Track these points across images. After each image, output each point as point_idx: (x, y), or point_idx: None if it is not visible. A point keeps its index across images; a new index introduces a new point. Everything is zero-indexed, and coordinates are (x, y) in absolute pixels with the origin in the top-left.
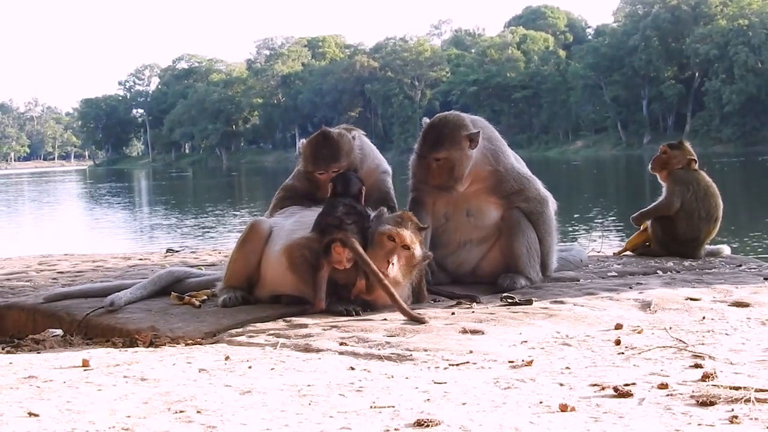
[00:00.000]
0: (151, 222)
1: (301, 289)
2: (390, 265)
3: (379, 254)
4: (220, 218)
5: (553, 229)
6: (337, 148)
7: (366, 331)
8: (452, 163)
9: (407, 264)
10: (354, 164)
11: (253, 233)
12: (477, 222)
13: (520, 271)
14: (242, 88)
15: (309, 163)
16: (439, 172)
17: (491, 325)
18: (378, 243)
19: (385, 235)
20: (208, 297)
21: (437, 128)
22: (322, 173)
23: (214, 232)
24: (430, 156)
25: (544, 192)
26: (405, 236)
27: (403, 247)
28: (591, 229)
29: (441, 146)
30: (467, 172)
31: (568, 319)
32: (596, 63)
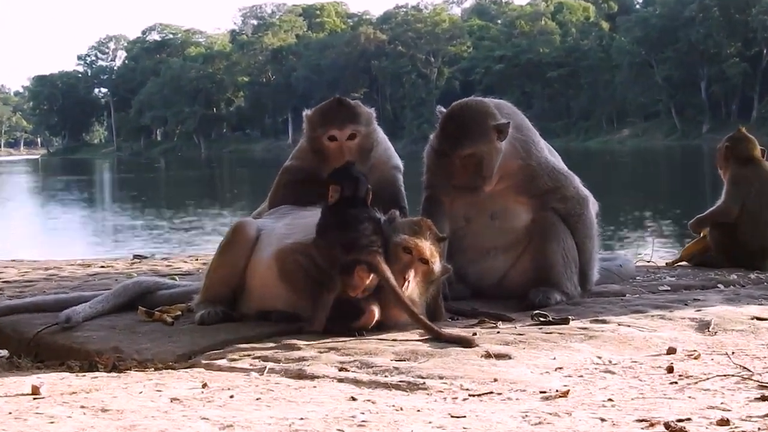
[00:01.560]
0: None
1: (294, 304)
2: (406, 282)
3: (393, 269)
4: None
5: (594, 235)
6: (355, 110)
7: (370, 354)
8: (480, 160)
9: (424, 280)
10: (370, 143)
11: (237, 237)
12: (503, 225)
13: (555, 284)
14: (225, 64)
15: (319, 125)
16: (465, 170)
17: (520, 348)
18: (393, 256)
19: (401, 247)
20: (182, 312)
21: (459, 119)
22: (334, 137)
23: (191, 235)
24: (455, 154)
25: (583, 190)
26: (424, 248)
27: (421, 261)
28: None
29: (466, 141)
30: (497, 168)
31: (612, 341)
32: (645, 37)
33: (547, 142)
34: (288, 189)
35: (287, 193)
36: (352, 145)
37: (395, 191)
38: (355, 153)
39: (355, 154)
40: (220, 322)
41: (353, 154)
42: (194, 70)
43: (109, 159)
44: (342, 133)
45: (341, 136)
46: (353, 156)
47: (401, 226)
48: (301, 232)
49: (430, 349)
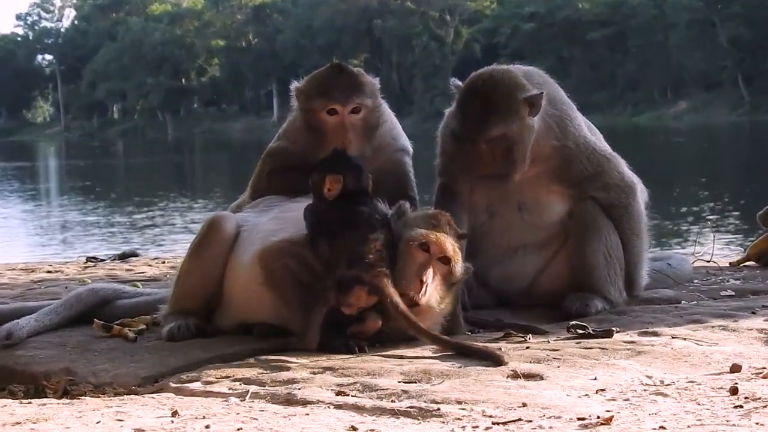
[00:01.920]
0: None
1: (281, 315)
2: (424, 285)
3: (407, 271)
4: (164, 214)
5: (643, 230)
6: (359, 78)
7: (374, 374)
8: (510, 142)
9: (444, 283)
10: (376, 119)
11: (212, 234)
12: (534, 219)
13: (596, 290)
14: (196, 24)
15: (316, 97)
16: (492, 156)
17: (554, 366)
18: (405, 255)
19: (417, 244)
20: (147, 326)
21: (484, 95)
22: (335, 111)
23: (156, 233)
24: (481, 138)
25: (629, 176)
26: (445, 245)
27: (440, 260)
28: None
29: (493, 121)
30: (530, 147)
31: (664, 357)
32: None
33: (586, 118)
34: (273, 177)
35: (272, 181)
36: (355, 120)
37: (403, 178)
38: (360, 131)
39: (359, 132)
40: (192, 337)
41: (357, 133)
42: (158, 32)
43: (56, 141)
44: (345, 107)
45: (344, 109)
46: (357, 134)
47: (414, 220)
48: (290, 227)
49: (445, 368)
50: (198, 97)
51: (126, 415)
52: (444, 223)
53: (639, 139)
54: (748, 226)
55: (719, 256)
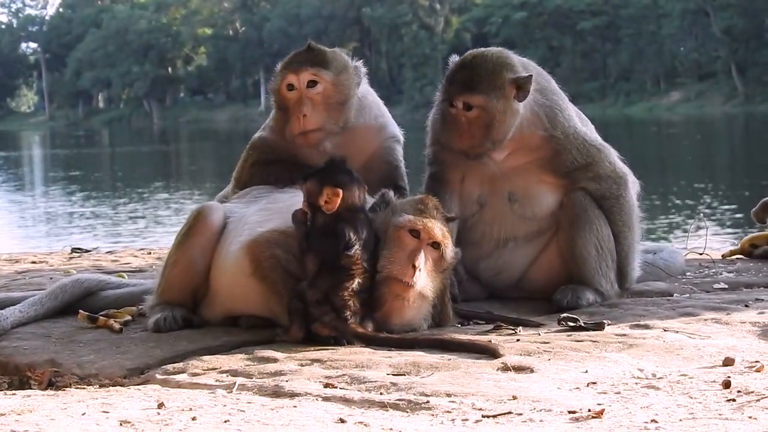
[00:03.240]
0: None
1: (269, 307)
2: (417, 271)
3: (398, 256)
4: (150, 204)
5: (634, 221)
6: (322, 53)
7: (362, 366)
8: (490, 116)
9: (435, 269)
10: (341, 95)
11: (199, 225)
12: (524, 210)
13: (587, 282)
14: (182, 12)
15: (278, 75)
16: (470, 127)
17: (544, 359)
18: (395, 241)
19: (406, 229)
20: (133, 317)
21: (471, 66)
22: (291, 83)
23: (142, 224)
24: (459, 100)
25: (621, 167)
26: (434, 229)
27: (431, 245)
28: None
29: (476, 89)
30: (511, 132)
31: (656, 350)
32: None
33: (577, 108)
34: (256, 169)
35: (255, 174)
36: (313, 95)
37: (392, 168)
38: (319, 106)
39: (318, 106)
40: (178, 329)
41: (316, 107)
42: (144, 20)
43: (40, 130)
44: (299, 79)
45: (298, 82)
46: (316, 109)
47: (402, 206)
48: (278, 218)
49: (434, 361)
50: (184, 85)
51: (111, 407)
52: (432, 207)
53: (631, 130)
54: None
55: (712, 249)
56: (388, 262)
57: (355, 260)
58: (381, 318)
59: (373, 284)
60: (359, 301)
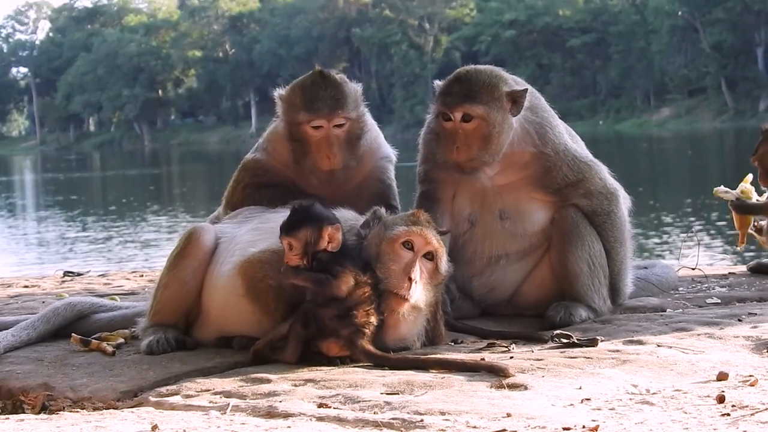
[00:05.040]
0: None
1: (262, 327)
2: (413, 283)
3: (393, 270)
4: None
5: (626, 237)
6: (343, 89)
7: (356, 386)
8: (489, 127)
9: (430, 281)
10: (360, 128)
11: (191, 246)
12: (515, 227)
13: (580, 298)
14: (172, 35)
15: (301, 110)
16: (467, 140)
17: (538, 376)
18: (389, 254)
19: (399, 242)
20: (125, 340)
21: (467, 80)
22: (320, 125)
23: (134, 246)
24: (458, 111)
25: (611, 183)
26: (429, 239)
27: (426, 257)
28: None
29: (476, 99)
30: (505, 145)
31: (650, 366)
32: None
33: (567, 125)
34: (248, 191)
35: (247, 196)
36: (340, 133)
37: (384, 187)
38: (344, 143)
39: (343, 144)
40: (171, 350)
41: (341, 145)
42: (134, 43)
43: (31, 155)
44: (330, 122)
45: (329, 125)
46: (342, 147)
47: (393, 221)
48: (270, 237)
49: (428, 379)
50: (175, 108)
51: (105, 430)
52: (423, 220)
53: (621, 146)
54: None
55: (704, 263)
56: (383, 277)
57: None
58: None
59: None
60: (377, 319)
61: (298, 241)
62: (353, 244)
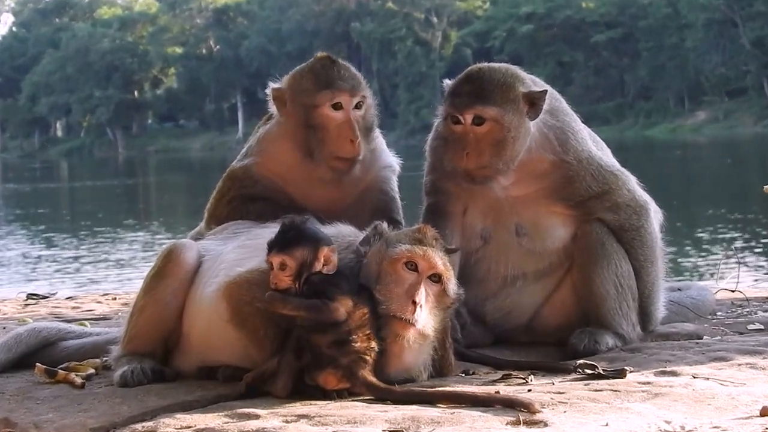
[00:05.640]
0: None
1: (250, 356)
2: (417, 308)
3: (395, 292)
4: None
5: (658, 255)
6: (354, 71)
7: (355, 422)
8: (503, 131)
9: (437, 305)
10: (372, 118)
11: (171, 265)
12: (533, 244)
13: (606, 324)
14: (150, 30)
15: (318, 91)
16: (478, 145)
17: (559, 411)
18: (391, 275)
19: (402, 261)
20: (96, 370)
21: (479, 79)
22: (340, 103)
23: (106, 266)
24: (468, 113)
25: (641, 195)
26: (433, 258)
27: (431, 279)
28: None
29: (489, 100)
30: (521, 152)
31: (684, 400)
32: None
33: (591, 130)
34: (235, 204)
35: (234, 209)
36: (359, 117)
37: (387, 199)
38: (363, 130)
39: (362, 131)
40: (148, 382)
41: (361, 132)
42: (107, 39)
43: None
44: (352, 98)
45: (350, 103)
46: (361, 134)
47: (397, 237)
48: (259, 256)
49: (436, 415)
50: (152, 111)
51: None
52: (430, 237)
53: (652, 154)
54: None
55: (745, 285)
56: (384, 300)
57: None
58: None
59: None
60: (379, 346)
61: (293, 260)
62: (351, 263)
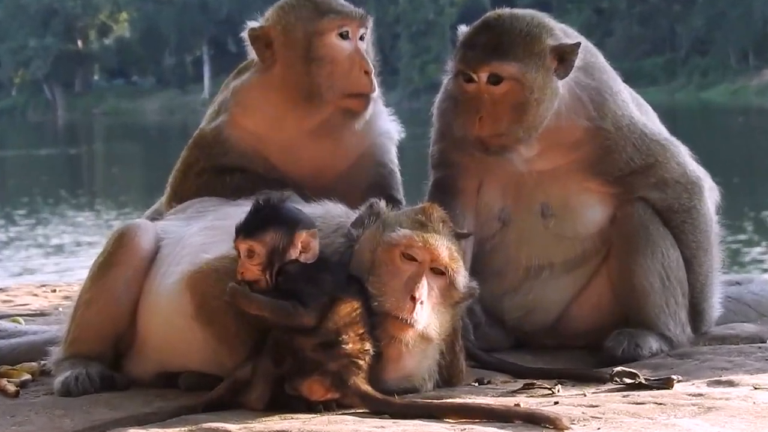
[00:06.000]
0: None
1: (218, 360)
2: (417, 305)
3: (392, 286)
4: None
5: (713, 242)
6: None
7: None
8: (525, 92)
9: (442, 302)
10: (373, 58)
11: (123, 251)
12: (563, 228)
13: (649, 324)
14: None
15: (321, 17)
16: (495, 109)
17: (592, 428)
18: (386, 265)
19: (400, 249)
20: (33, 376)
21: (497, 28)
22: (348, 30)
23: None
24: (482, 70)
25: (694, 170)
26: (438, 248)
27: (434, 270)
28: None
29: (508, 54)
30: (548, 117)
31: (743, 415)
32: None
33: (634, 91)
34: (208, 178)
35: (206, 184)
36: (365, 49)
37: (384, 173)
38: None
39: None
40: (95, 391)
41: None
42: None
43: None
44: (359, 27)
45: (357, 31)
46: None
47: (396, 219)
48: (230, 240)
49: (443, 431)
50: (99, 65)
51: None
52: (436, 219)
53: (708, 120)
54: None
55: None
56: (378, 294)
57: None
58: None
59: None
60: (374, 348)
61: (262, 246)
62: (341, 248)
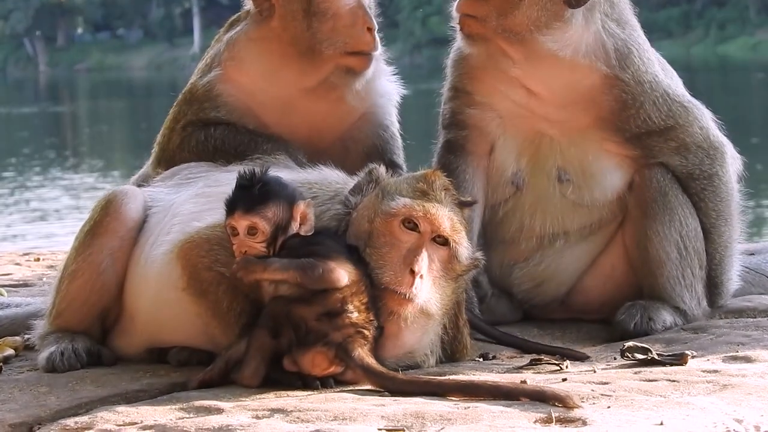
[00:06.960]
0: None
1: (210, 335)
2: (417, 279)
3: (390, 258)
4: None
5: (733, 212)
6: None
7: (343, 419)
8: None
9: (444, 275)
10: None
11: (109, 219)
12: (580, 195)
13: (664, 296)
14: None
15: None
16: None
17: (602, 406)
18: (385, 235)
19: (399, 219)
20: (16, 351)
21: None
22: None
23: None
24: None
25: (717, 135)
26: (439, 218)
27: (436, 240)
28: None
29: None
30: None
31: (760, 393)
32: None
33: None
34: (195, 133)
35: (192, 141)
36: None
37: (384, 137)
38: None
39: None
40: (82, 367)
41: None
42: None
43: None
44: None
45: None
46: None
47: (396, 186)
48: (222, 208)
49: (445, 410)
50: (83, 18)
51: None
52: (439, 186)
53: (728, 78)
54: None
55: None
56: (376, 267)
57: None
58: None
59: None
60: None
61: (266, 223)
62: (338, 216)
